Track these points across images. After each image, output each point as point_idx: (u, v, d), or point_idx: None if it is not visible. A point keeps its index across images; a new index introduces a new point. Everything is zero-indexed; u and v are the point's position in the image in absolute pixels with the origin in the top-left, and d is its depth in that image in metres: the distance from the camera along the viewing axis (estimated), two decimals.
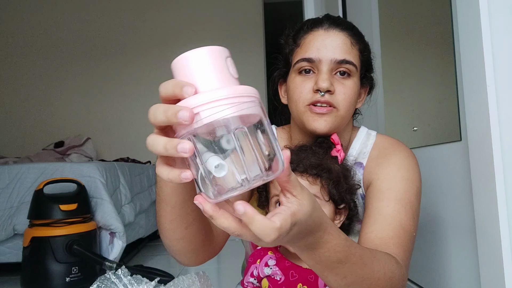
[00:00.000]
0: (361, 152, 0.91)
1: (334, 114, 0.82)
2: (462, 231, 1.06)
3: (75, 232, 1.88)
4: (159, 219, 0.67)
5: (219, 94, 0.43)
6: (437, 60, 1.23)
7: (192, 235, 0.69)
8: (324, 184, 0.76)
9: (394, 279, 0.65)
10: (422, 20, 1.32)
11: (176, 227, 0.66)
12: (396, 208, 0.77)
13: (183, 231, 0.67)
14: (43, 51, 3.82)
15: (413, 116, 1.38)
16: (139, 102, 3.81)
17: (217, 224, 0.44)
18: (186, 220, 0.66)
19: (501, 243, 0.78)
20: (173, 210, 0.64)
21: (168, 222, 0.66)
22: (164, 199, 0.63)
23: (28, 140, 3.70)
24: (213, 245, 0.77)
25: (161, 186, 0.62)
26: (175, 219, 0.65)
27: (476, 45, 0.82)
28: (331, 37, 0.84)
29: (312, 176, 0.76)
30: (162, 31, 3.83)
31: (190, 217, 0.66)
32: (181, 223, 0.66)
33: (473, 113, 0.87)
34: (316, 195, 0.75)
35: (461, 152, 1.03)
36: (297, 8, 3.04)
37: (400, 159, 0.85)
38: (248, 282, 0.80)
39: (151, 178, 3.13)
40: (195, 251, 0.73)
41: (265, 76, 3.84)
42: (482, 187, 0.85)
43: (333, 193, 0.76)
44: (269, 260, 0.80)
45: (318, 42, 0.84)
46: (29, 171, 2.18)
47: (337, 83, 0.83)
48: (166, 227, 0.67)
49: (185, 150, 0.40)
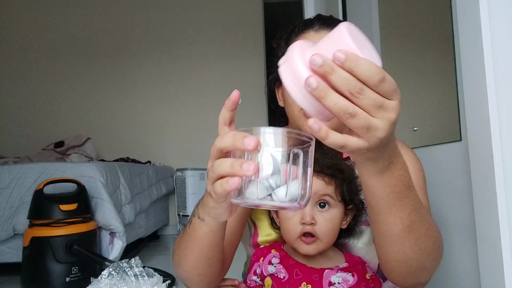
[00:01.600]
0: None
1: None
2: (462, 231, 1.05)
3: (75, 232, 1.89)
4: (182, 256, 0.70)
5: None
6: (437, 60, 1.23)
7: (212, 272, 0.72)
8: (338, 185, 0.77)
9: (439, 235, 0.67)
10: (422, 20, 1.32)
11: (200, 265, 0.69)
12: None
13: (206, 269, 0.70)
14: (43, 51, 3.82)
15: (413, 116, 1.38)
16: (139, 102, 3.81)
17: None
18: (210, 261, 0.69)
19: (501, 243, 0.78)
20: (202, 252, 0.67)
21: (193, 260, 0.69)
22: (194, 240, 0.65)
23: (28, 140, 3.70)
24: (225, 271, 0.81)
25: (196, 227, 0.64)
26: (200, 259, 0.68)
27: (476, 45, 0.82)
28: (321, 37, 0.84)
29: (328, 176, 0.76)
30: (162, 31, 3.83)
31: (215, 259, 0.69)
32: (206, 262, 0.69)
33: (473, 113, 0.87)
34: (331, 195, 0.76)
35: (461, 152, 1.03)
36: (297, 8, 3.04)
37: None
38: (251, 280, 0.81)
39: (151, 178, 3.13)
40: (211, 282, 0.77)
41: (265, 76, 3.84)
42: (482, 187, 0.84)
43: (345, 194, 0.77)
44: (273, 258, 0.80)
45: None
46: (29, 171, 2.18)
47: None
48: (190, 264, 0.70)
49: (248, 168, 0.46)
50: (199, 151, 3.61)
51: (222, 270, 0.79)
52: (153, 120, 3.80)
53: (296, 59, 0.47)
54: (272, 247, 0.83)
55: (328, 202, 0.76)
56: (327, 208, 0.76)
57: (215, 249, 0.67)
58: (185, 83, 3.82)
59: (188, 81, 3.81)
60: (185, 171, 3.45)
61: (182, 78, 3.82)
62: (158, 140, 3.80)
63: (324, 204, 0.76)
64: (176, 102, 3.81)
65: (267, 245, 0.85)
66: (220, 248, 0.69)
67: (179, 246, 0.72)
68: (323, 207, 0.76)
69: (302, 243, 0.76)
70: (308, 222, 0.74)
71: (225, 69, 3.82)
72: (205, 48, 3.83)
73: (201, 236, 0.64)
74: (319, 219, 0.75)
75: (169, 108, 3.81)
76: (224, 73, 3.82)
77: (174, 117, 3.80)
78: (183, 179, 3.45)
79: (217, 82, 3.80)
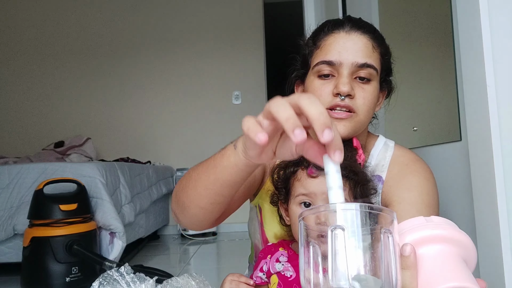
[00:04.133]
0: (379, 164, 0.90)
1: (354, 119, 0.81)
2: None
3: (75, 232, 1.89)
4: (193, 180, 0.71)
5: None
6: (437, 60, 1.23)
7: (211, 212, 0.73)
8: (351, 187, 0.76)
9: None
10: (422, 20, 1.32)
11: (205, 196, 0.70)
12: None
13: (209, 204, 0.71)
14: (43, 51, 3.82)
15: (413, 116, 1.38)
16: (140, 102, 3.81)
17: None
18: (217, 199, 0.69)
19: (501, 243, 0.78)
20: (215, 182, 0.67)
21: (202, 187, 0.69)
22: (216, 166, 0.66)
23: (28, 140, 3.70)
24: (217, 223, 0.83)
25: (224, 154, 0.64)
26: (210, 189, 0.68)
27: (476, 45, 0.82)
28: (353, 40, 0.82)
29: (343, 177, 0.76)
30: (162, 31, 3.82)
31: (221, 199, 0.69)
32: (213, 196, 0.69)
33: (473, 113, 0.87)
34: (345, 197, 0.75)
35: (461, 152, 1.03)
36: (297, 8, 3.04)
37: (422, 182, 0.84)
38: (257, 277, 0.80)
39: (151, 178, 3.13)
40: (202, 223, 0.77)
41: (265, 76, 3.84)
42: (482, 187, 0.84)
43: (358, 196, 0.77)
44: (281, 256, 0.80)
45: (339, 44, 0.82)
46: (29, 171, 2.18)
47: (357, 88, 0.81)
48: (197, 190, 0.70)
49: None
50: (199, 151, 3.61)
51: (217, 220, 0.79)
52: (153, 120, 3.80)
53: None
54: (280, 245, 0.83)
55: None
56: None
57: (228, 189, 0.67)
58: (185, 83, 3.82)
59: (188, 81, 3.81)
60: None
61: (182, 78, 3.82)
62: (158, 140, 3.80)
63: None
64: (176, 102, 3.81)
65: (275, 243, 0.85)
66: (232, 192, 0.69)
67: (195, 169, 0.71)
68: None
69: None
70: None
71: (225, 69, 3.82)
72: (205, 48, 3.83)
73: (224, 165, 0.64)
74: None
75: (169, 108, 3.81)
76: (224, 73, 3.82)
77: (174, 117, 3.80)
78: None
79: (217, 82, 3.80)
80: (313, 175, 0.75)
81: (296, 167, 0.79)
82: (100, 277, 0.78)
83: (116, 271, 0.79)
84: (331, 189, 0.44)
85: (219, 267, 2.44)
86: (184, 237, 3.41)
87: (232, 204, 0.84)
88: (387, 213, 0.43)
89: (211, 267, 2.44)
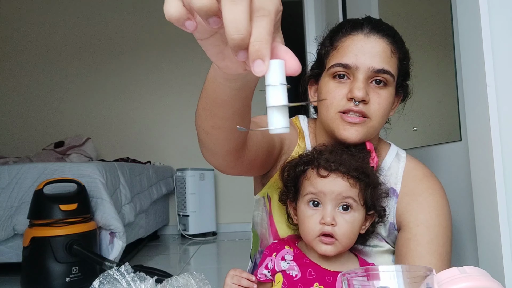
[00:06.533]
0: (392, 175, 0.89)
1: (367, 124, 0.80)
2: (462, 231, 1.05)
3: (75, 232, 1.89)
4: (198, 105, 0.66)
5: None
6: (437, 60, 1.23)
7: (216, 138, 0.68)
8: (362, 188, 0.76)
9: None
10: (422, 20, 1.32)
11: (204, 117, 0.65)
12: (433, 262, 0.79)
13: (209, 128, 0.66)
14: (43, 51, 3.82)
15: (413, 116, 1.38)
16: (139, 102, 3.81)
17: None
18: (215, 120, 0.64)
19: (501, 243, 0.78)
20: (207, 99, 0.61)
21: (201, 109, 0.64)
22: (204, 86, 0.61)
23: (28, 140, 3.70)
24: (243, 158, 0.76)
25: (207, 76, 0.59)
26: (206, 109, 0.63)
27: (476, 45, 0.82)
28: (371, 43, 0.80)
29: (354, 178, 0.76)
30: (162, 31, 3.82)
31: (218, 120, 0.64)
32: (209, 116, 0.64)
33: (473, 113, 0.87)
34: (354, 198, 0.76)
35: (461, 152, 1.03)
36: (297, 8, 3.04)
37: (438, 201, 0.85)
38: (261, 274, 0.80)
39: (151, 178, 3.13)
40: (219, 153, 0.73)
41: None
42: (482, 187, 0.85)
43: (368, 199, 0.77)
44: (286, 254, 0.80)
45: (357, 47, 0.80)
46: (29, 171, 2.18)
47: (372, 93, 0.80)
48: (198, 112, 0.66)
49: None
50: (199, 151, 3.59)
51: (237, 158, 0.73)
52: (153, 120, 3.80)
53: None
54: (286, 243, 0.83)
55: (351, 205, 0.76)
56: (349, 211, 0.76)
57: (220, 109, 0.60)
58: (185, 83, 3.81)
59: (188, 81, 3.81)
60: (185, 171, 3.46)
61: (182, 78, 3.82)
62: (158, 140, 3.80)
63: (347, 207, 0.76)
64: (176, 102, 3.81)
65: (281, 240, 0.85)
66: (226, 114, 0.61)
67: (202, 97, 0.65)
68: (345, 210, 0.76)
69: (320, 242, 0.75)
70: (329, 223, 0.74)
71: None
72: None
73: (208, 81, 0.58)
74: (339, 221, 0.75)
75: (169, 108, 3.81)
76: None
77: (174, 117, 3.80)
78: (183, 179, 3.45)
79: None
80: (323, 174, 0.76)
81: (307, 166, 0.79)
82: (100, 276, 0.78)
83: (116, 270, 0.79)
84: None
85: (219, 267, 2.44)
86: (184, 237, 3.41)
87: (253, 152, 0.77)
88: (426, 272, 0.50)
89: (211, 267, 2.44)
